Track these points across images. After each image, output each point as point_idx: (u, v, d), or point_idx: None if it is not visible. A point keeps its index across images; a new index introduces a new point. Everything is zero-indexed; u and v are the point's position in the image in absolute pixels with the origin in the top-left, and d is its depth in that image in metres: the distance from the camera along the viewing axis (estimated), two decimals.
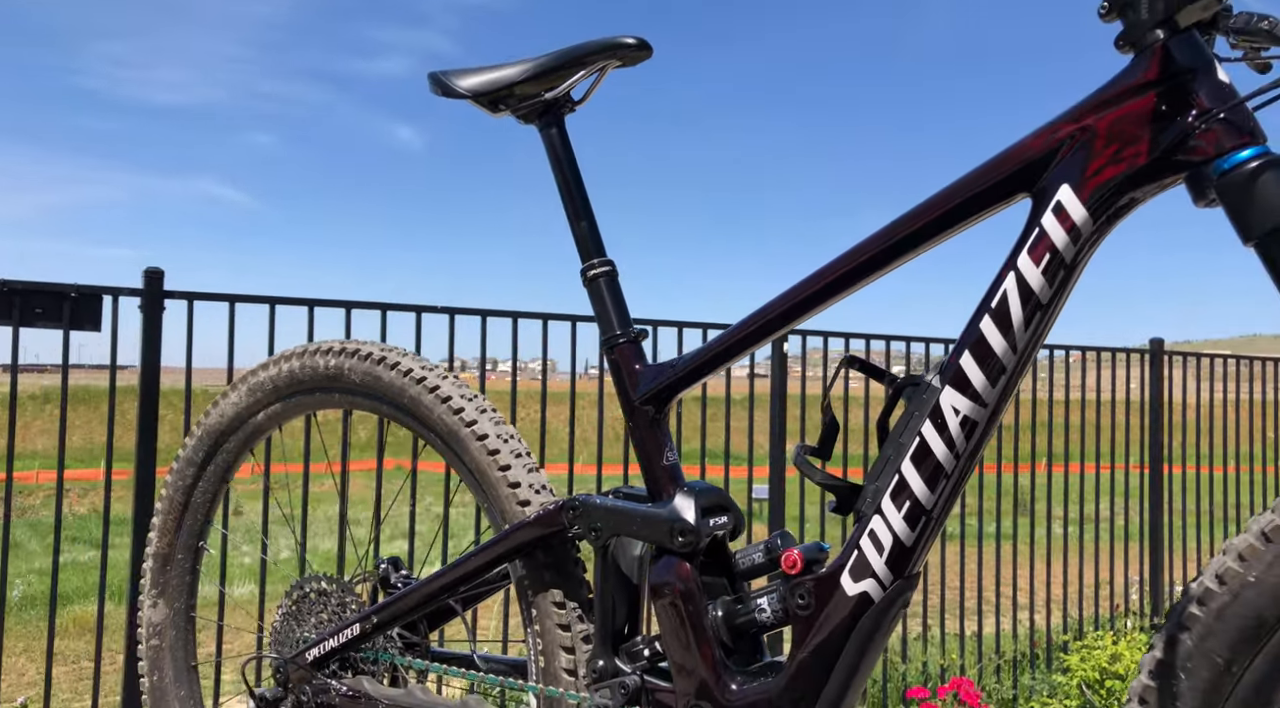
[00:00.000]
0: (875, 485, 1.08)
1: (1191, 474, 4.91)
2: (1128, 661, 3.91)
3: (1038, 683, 4.31)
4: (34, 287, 2.98)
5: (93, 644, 2.79)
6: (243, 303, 3.15)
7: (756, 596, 1.19)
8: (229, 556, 2.23)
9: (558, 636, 1.30)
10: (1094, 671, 3.90)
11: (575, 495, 1.28)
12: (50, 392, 12.22)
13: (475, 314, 3.32)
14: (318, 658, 1.45)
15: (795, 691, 1.12)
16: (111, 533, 2.99)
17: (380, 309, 3.21)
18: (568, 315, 3.37)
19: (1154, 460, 4.78)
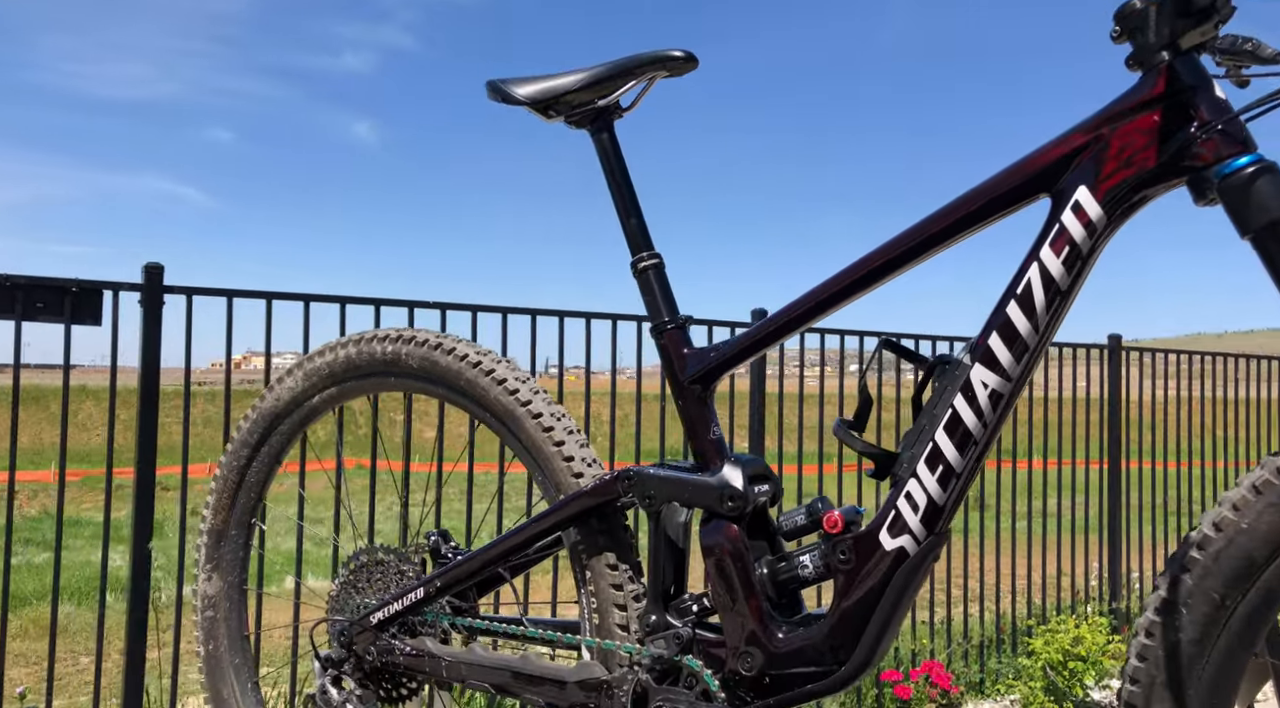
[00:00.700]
0: (911, 452, 1.23)
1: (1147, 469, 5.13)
2: (1089, 643, 4.10)
3: (1004, 666, 4.49)
4: (36, 281, 3.04)
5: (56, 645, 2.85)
6: (240, 298, 3.24)
7: (798, 554, 1.32)
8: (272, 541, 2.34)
9: (611, 594, 1.43)
10: (1057, 653, 4.08)
11: (629, 467, 1.41)
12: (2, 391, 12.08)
13: (495, 312, 3.41)
14: (382, 621, 1.57)
15: (838, 636, 1.26)
16: (66, 535, 3.05)
17: (374, 305, 3.32)
18: (608, 314, 3.55)
19: (1113, 455, 4.99)
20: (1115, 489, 4.98)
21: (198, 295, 3.16)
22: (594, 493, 1.43)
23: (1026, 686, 4.12)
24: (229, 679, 1.79)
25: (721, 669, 1.34)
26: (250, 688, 1.79)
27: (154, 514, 3.07)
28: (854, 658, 1.25)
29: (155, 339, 3.12)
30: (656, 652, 1.36)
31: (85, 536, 9.93)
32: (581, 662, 1.42)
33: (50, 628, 2.91)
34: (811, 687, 1.28)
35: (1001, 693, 4.34)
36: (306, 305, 3.25)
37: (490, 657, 1.48)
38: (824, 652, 1.27)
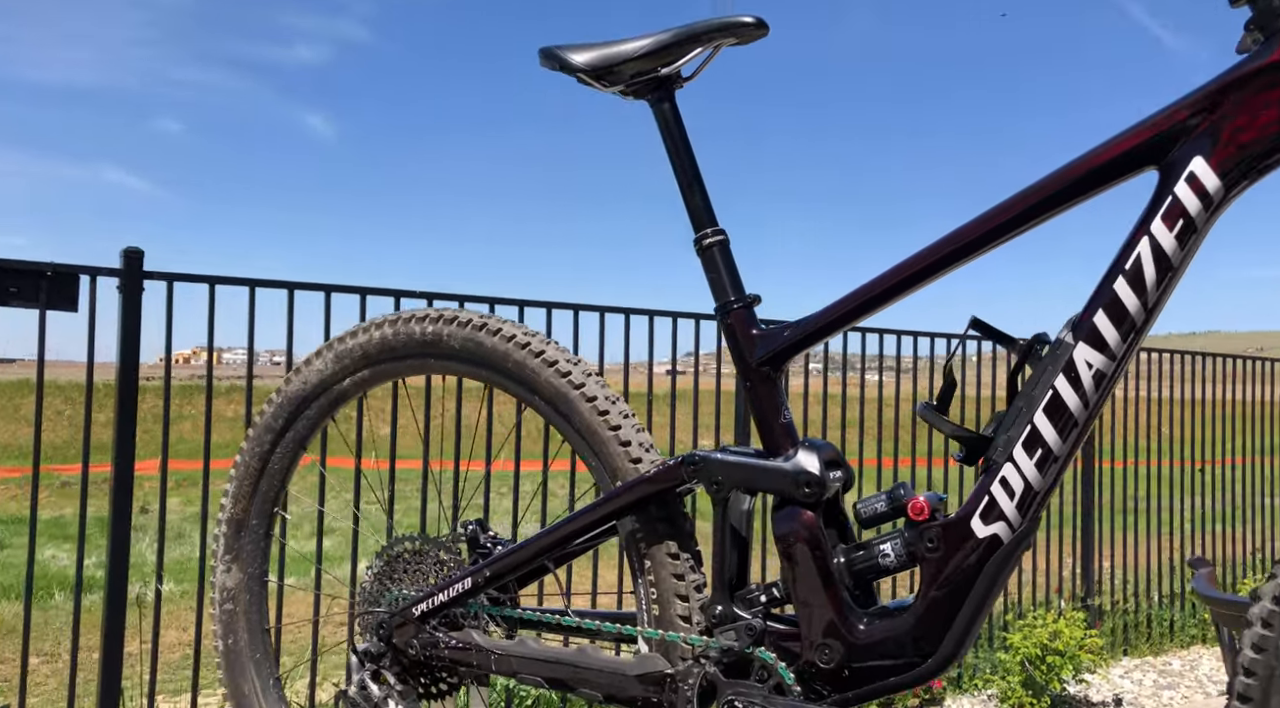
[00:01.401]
0: (1007, 436, 1.18)
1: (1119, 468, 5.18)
2: (1067, 637, 4.12)
3: (981, 661, 4.50)
4: (9, 265, 2.91)
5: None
6: (223, 285, 3.12)
7: (878, 542, 1.27)
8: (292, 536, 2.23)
9: (673, 584, 1.37)
10: (1035, 647, 4.10)
11: (693, 452, 1.35)
12: None
13: (511, 303, 3.33)
14: (425, 613, 1.49)
15: (925, 627, 1.21)
16: (12, 532, 2.94)
17: (360, 294, 3.22)
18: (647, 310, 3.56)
19: (1085, 454, 5.03)
20: (1088, 487, 5.02)
21: (178, 282, 3.05)
22: (656, 479, 1.37)
23: (1004, 680, 4.13)
24: (249, 675, 1.70)
25: (796, 662, 1.29)
26: (272, 684, 1.71)
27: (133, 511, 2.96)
28: (940, 650, 1.21)
29: (135, 327, 3.00)
30: (727, 644, 1.30)
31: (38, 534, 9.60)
32: (643, 654, 1.36)
33: (24, 629, 2.79)
34: (894, 680, 1.24)
35: (980, 688, 4.35)
36: (291, 294, 3.15)
37: (545, 650, 1.42)
38: (908, 644, 1.22)
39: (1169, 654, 5.04)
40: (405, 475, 3.18)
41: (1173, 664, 4.88)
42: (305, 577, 3.49)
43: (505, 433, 2.53)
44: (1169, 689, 4.49)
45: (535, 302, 3.37)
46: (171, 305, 3.06)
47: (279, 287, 3.17)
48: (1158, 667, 4.83)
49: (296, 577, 4.63)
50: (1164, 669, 4.79)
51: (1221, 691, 4.49)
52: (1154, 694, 4.42)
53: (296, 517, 4.25)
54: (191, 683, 2.96)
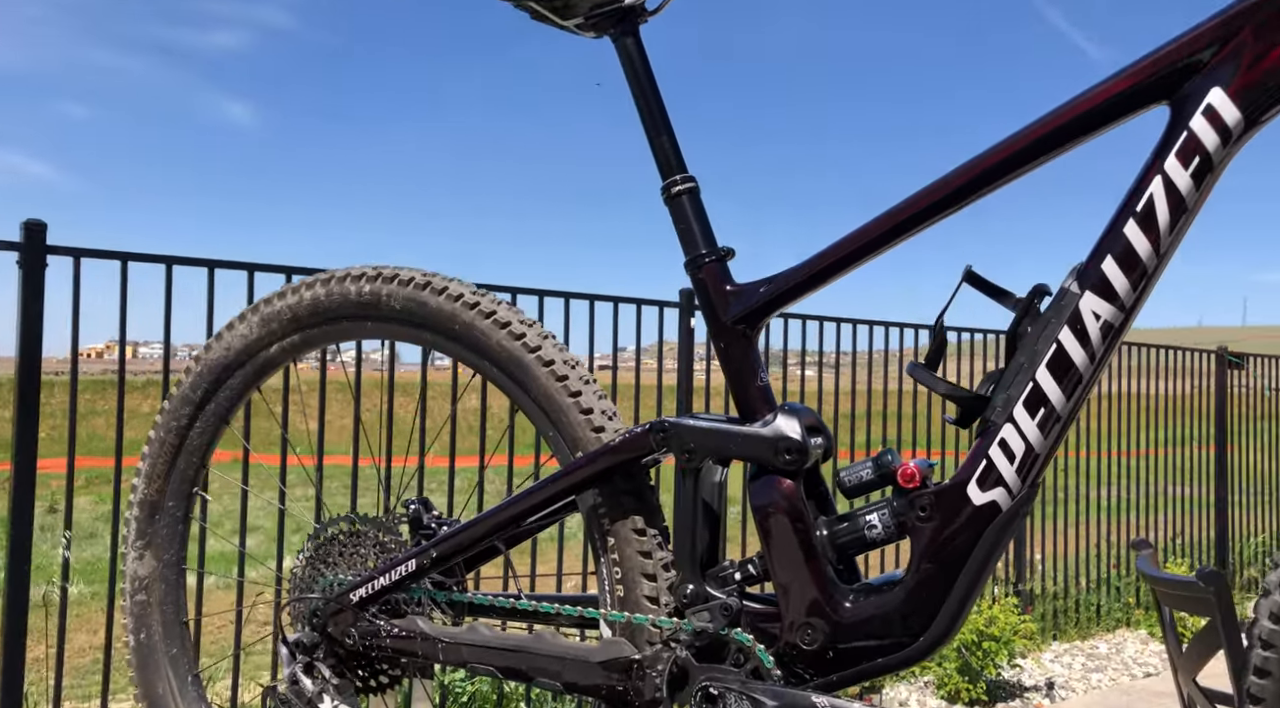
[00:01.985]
0: (1006, 394, 1.09)
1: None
2: (1002, 623, 4.12)
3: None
4: None
5: None
6: (137, 262, 2.90)
7: (864, 512, 1.18)
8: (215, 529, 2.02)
9: (639, 563, 1.26)
10: (971, 633, 4.09)
11: (662, 418, 1.24)
12: None
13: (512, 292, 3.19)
14: (364, 599, 1.35)
15: (916, 603, 1.12)
16: None
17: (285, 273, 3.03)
18: None
19: None
20: None
21: (87, 258, 2.82)
22: (621, 448, 1.25)
23: (941, 667, 4.11)
24: (164, 673, 1.54)
25: (775, 644, 1.18)
26: (190, 682, 1.55)
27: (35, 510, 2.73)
28: (933, 628, 1.12)
29: (37, 309, 2.76)
30: (699, 625, 1.19)
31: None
32: (606, 639, 1.25)
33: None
34: (882, 661, 1.14)
35: (917, 675, 4.33)
36: (211, 272, 2.94)
37: (498, 637, 1.29)
38: (897, 622, 1.13)
39: (1096, 639, 5.10)
40: (334, 472, 3.00)
41: (1100, 648, 4.93)
42: (230, 565, 3.25)
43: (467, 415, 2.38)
44: (1097, 673, 4.52)
45: (498, 287, 3.22)
46: (79, 285, 2.83)
47: (198, 265, 2.95)
48: (1085, 651, 4.87)
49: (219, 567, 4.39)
50: (1091, 653, 4.83)
51: (1147, 672, 4.54)
52: (1083, 678, 4.44)
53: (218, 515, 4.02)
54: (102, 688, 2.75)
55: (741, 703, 1.14)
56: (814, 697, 1.12)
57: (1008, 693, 4.15)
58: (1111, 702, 4.12)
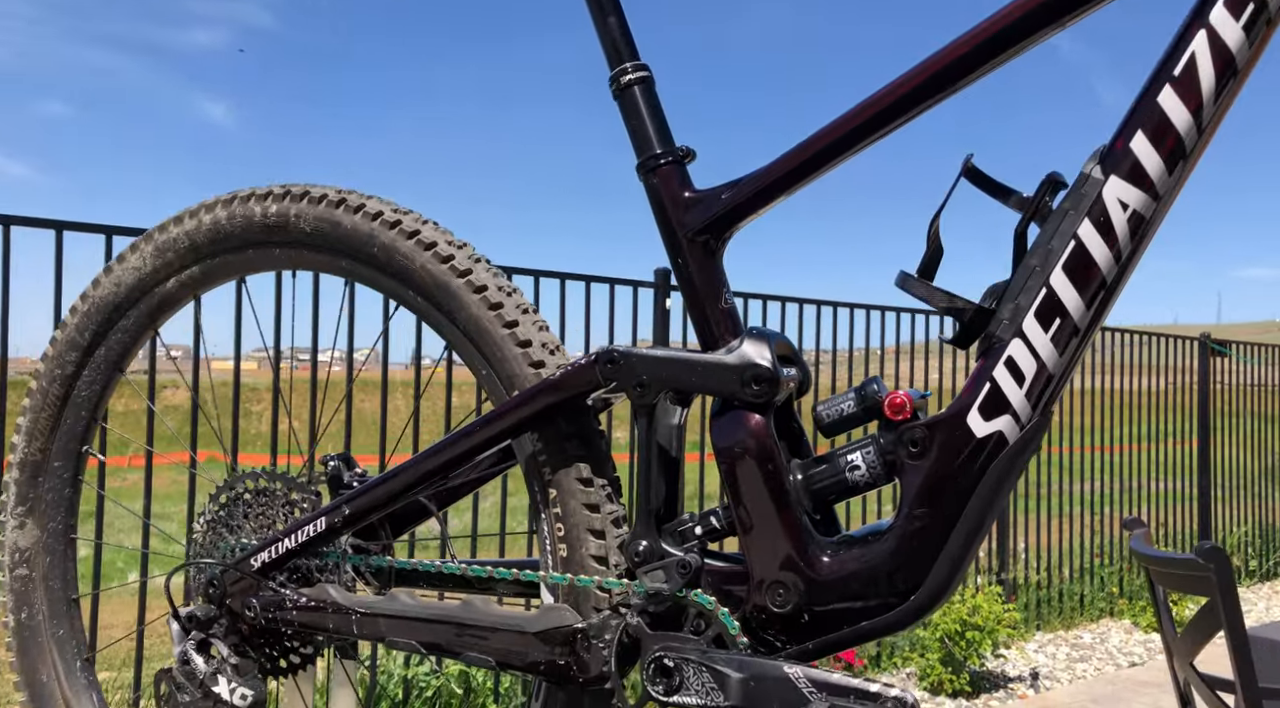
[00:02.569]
0: (1014, 304, 0.91)
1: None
2: (986, 612, 3.97)
3: (899, 639, 4.33)
4: None
5: None
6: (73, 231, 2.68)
7: (844, 452, 1.00)
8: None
9: (584, 517, 1.07)
10: (955, 623, 3.94)
11: (611, 346, 1.05)
12: None
13: None
14: (267, 564, 1.16)
15: (907, 555, 0.94)
16: None
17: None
18: None
19: None
20: None
21: (19, 227, 2.60)
22: (563, 384, 1.07)
23: (923, 658, 3.96)
24: (49, 657, 1.34)
25: (741, 607, 1.00)
26: (80, 668, 1.35)
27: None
28: (926, 586, 0.94)
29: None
30: (653, 587, 1.01)
31: None
32: (546, 606, 1.06)
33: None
34: (866, 625, 0.96)
35: (899, 666, 4.17)
36: None
37: (420, 606, 1.10)
38: (885, 578, 0.95)
39: (1080, 628, 4.96)
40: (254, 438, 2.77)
41: (1084, 638, 4.79)
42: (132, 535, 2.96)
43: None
44: (1082, 662, 4.38)
45: None
46: (8, 254, 2.60)
47: None
48: (1069, 641, 4.73)
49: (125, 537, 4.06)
50: (1075, 643, 4.70)
51: (1132, 662, 4.41)
52: (1068, 667, 4.30)
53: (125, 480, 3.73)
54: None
55: (701, 675, 0.96)
56: (786, 667, 0.94)
57: (992, 684, 4.00)
58: (1097, 692, 3.97)
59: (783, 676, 0.93)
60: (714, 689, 0.95)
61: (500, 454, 1.20)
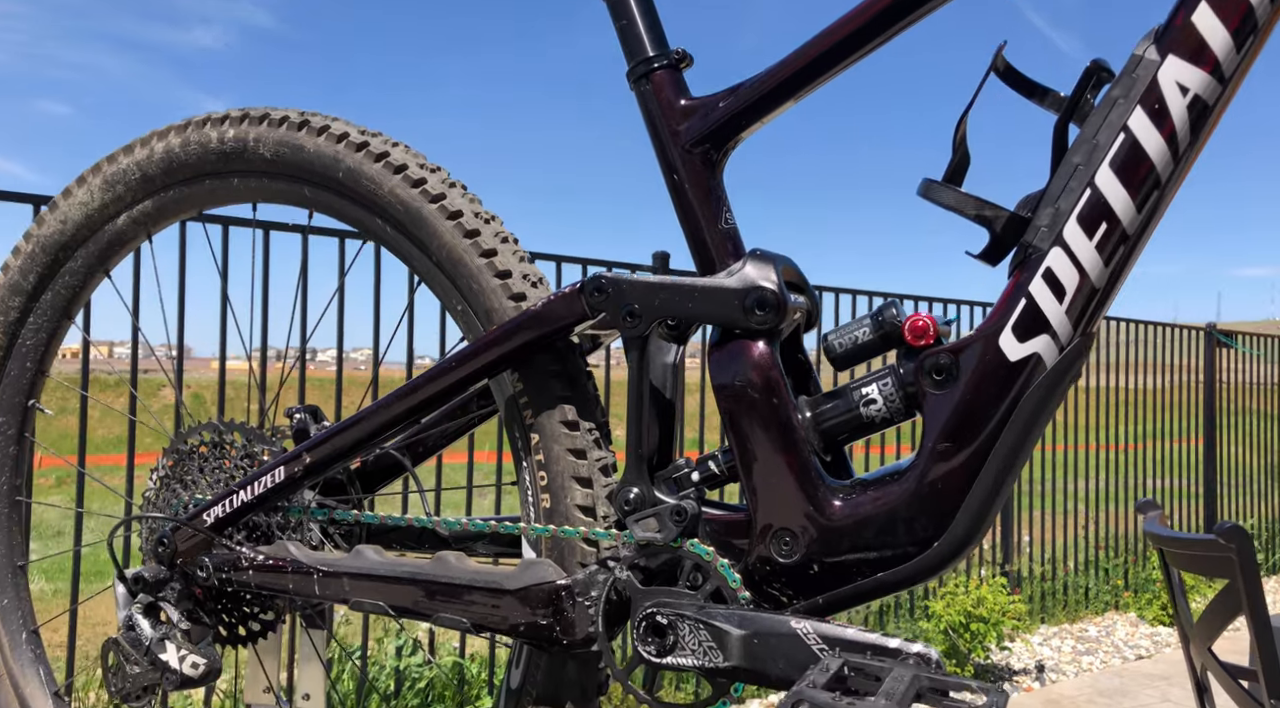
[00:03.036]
0: (1054, 208, 0.80)
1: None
2: (990, 603, 3.86)
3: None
4: None
5: None
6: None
7: (859, 385, 0.88)
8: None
9: (570, 464, 0.96)
10: (959, 614, 3.84)
11: (598, 273, 0.94)
12: None
13: None
14: (221, 519, 1.05)
15: (929, 496, 0.82)
16: None
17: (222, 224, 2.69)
18: None
19: None
20: None
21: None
22: (545, 315, 0.95)
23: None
24: None
25: (743, 559, 0.89)
26: (26, 639, 1.23)
27: None
28: (952, 530, 0.82)
29: None
30: (645, 536, 0.89)
31: None
32: (526, 561, 0.94)
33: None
34: (884, 575, 0.85)
35: None
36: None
37: (388, 563, 0.98)
38: (903, 524, 0.83)
39: (1085, 621, 4.85)
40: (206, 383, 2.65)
41: (1089, 631, 4.67)
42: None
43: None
44: (1088, 655, 4.26)
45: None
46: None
47: None
48: (1074, 634, 4.62)
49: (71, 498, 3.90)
50: (1081, 636, 4.58)
51: (1139, 654, 4.29)
52: (1074, 660, 4.18)
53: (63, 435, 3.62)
54: None
55: (698, 633, 0.85)
56: (793, 622, 0.82)
57: (996, 677, 3.88)
58: (1104, 685, 3.85)
59: (790, 631, 0.82)
60: (712, 649, 0.84)
61: (478, 401, 1.09)
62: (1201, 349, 5.82)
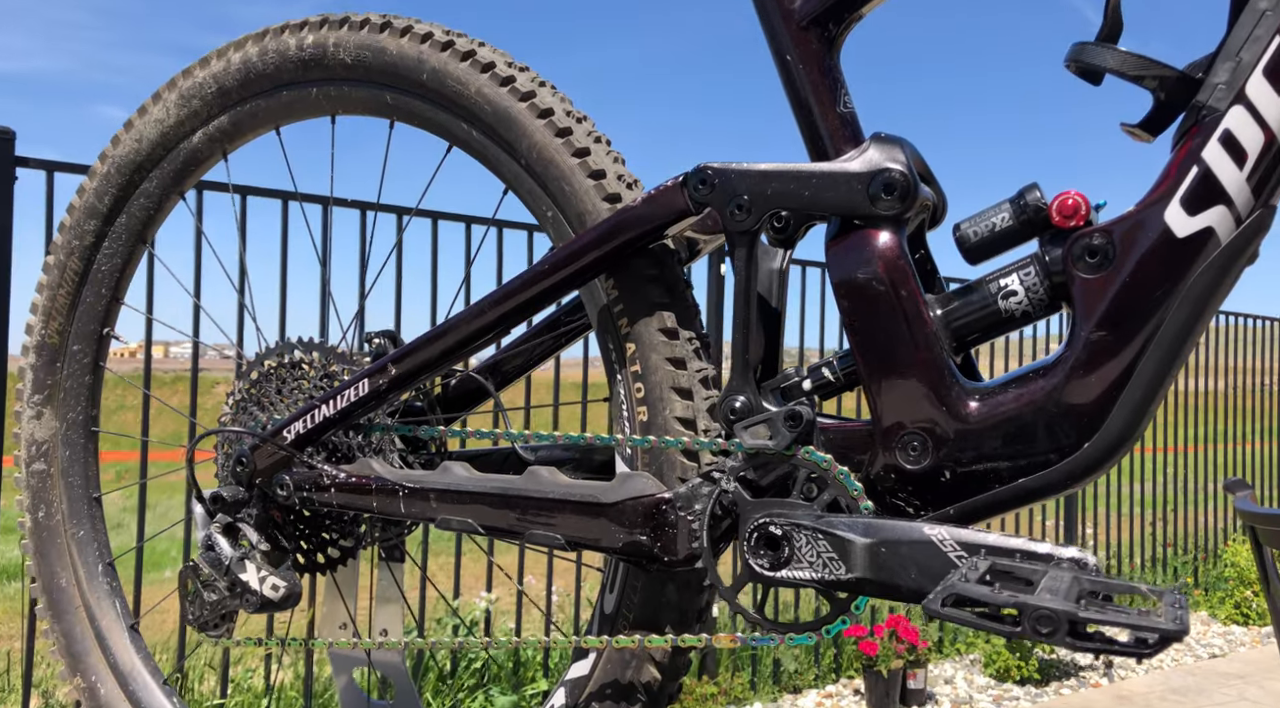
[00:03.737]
0: (1234, 62, 0.71)
1: None
2: None
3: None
4: None
5: None
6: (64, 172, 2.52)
7: (996, 277, 0.80)
8: None
9: (668, 374, 0.88)
10: None
11: (702, 164, 0.86)
12: None
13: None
14: (302, 435, 0.98)
15: (1082, 389, 0.74)
16: None
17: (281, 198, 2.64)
18: None
19: None
20: None
21: (62, 173, 2.46)
22: (644, 214, 0.88)
23: (988, 643, 3.70)
24: (69, 560, 1.18)
25: (865, 469, 0.81)
26: (101, 572, 1.19)
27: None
28: (1107, 427, 0.73)
29: (4, 221, 2.41)
30: (756, 443, 0.81)
31: None
32: (623, 475, 0.87)
33: None
34: (1026, 482, 0.76)
35: (961, 652, 3.92)
36: (200, 193, 2.56)
37: (477, 479, 0.91)
38: (1051, 422, 0.75)
39: None
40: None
41: None
42: None
43: None
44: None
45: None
46: (52, 204, 2.45)
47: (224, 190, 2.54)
48: None
49: None
50: None
51: (1212, 653, 4.11)
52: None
53: None
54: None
55: (816, 544, 0.77)
56: (926, 528, 0.74)
57: (1062, 672, 3.73)
58: (1176, 683, 3.69)
59: (924, 538, 0.73)
60: (833, 560, 0.76)
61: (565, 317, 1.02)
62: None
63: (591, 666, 0.92)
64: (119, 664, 1.12)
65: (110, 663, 1.12)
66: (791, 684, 3.43)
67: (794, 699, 3.35)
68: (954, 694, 3.47)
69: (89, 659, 1.13)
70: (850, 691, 3.46)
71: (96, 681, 1.12)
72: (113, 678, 1.12)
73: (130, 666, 1.12)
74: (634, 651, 0.89)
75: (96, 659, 1.13)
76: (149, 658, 1.14)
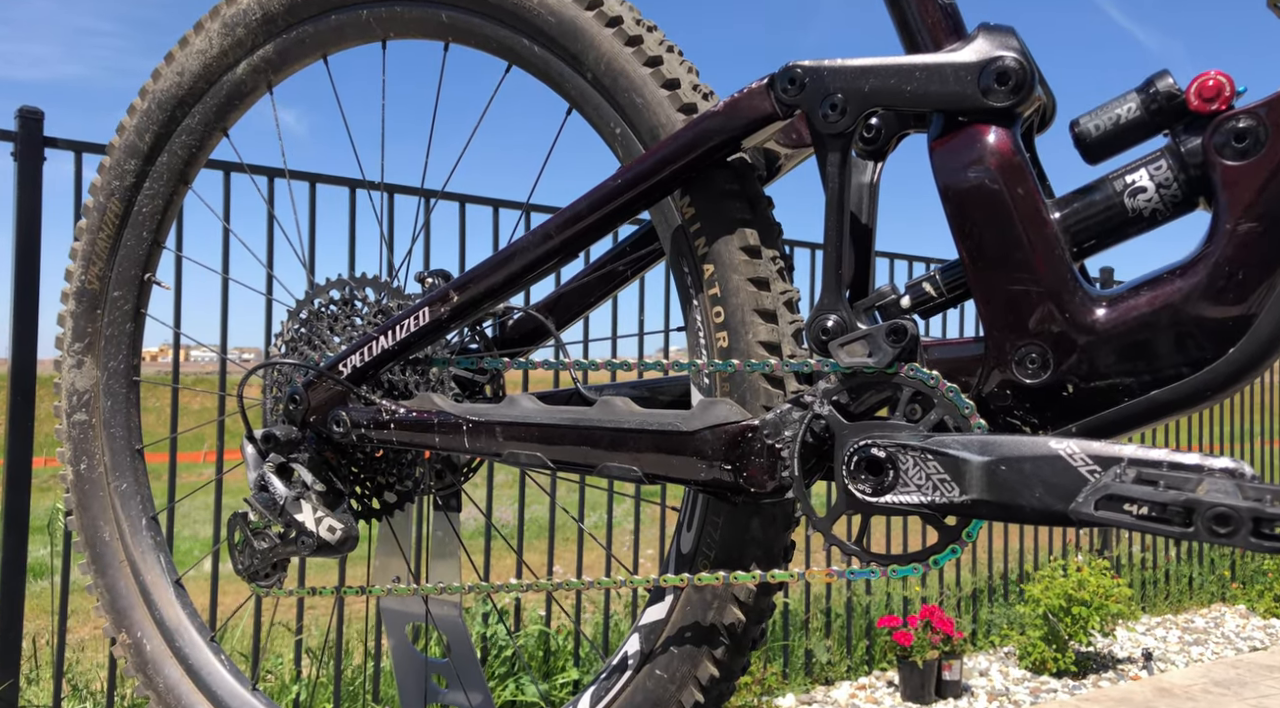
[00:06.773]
0: None
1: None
2: (1094, 585, 3.61)
3: (996, 617, 3.98)
4: None
5: None
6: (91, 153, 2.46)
7: (1121, 173, 0.72)
8: None
9: (751, 296, 0.81)
10: (1059, 598, 3.59)
11: (791, 63, 0.79)
12: None
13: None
14: (359, 368, 0.91)
15: (1226, 288, 0.66)
16: None
17: (310, 181, 2.60)
18: None
19: None
20: None
21: (90, 154, 2.40)
22: (724, 123, 0.80)
23: (1024, 635, 3.60)
24: (111, 514, 1.11)
25: (975, 388, 0.73)
26: (146, 526, 1.12)
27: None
28: (1255, 330, 0.65)
29: (34, 203, 2.35)
30: (854, 361, 0.74)
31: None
32: (704, 401, 0.79)
33: None
34: (1160, 394, 0.68)
35: (996, 645, 3.82)
36: (227, 176, 2.50)
37: (544, 410, 0.84)
38: (1188, 327, 0.67)
39: (1190, 612, 4.55)
40: None
41: (1196, 622, 4.37)
42: None
43: None
44: (1197, 646, 3.97)
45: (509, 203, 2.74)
46: (80, 184, 2.40)
47: (261, 173, 2.47)
48: (1180, 624, 4.32)
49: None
50: (1187, 627, 4.28)
51: (1253, 646, 3.99)
52: (1182, 651, 3.90)
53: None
54: None
55: (925, 466, 0.69)
56: (1053, 442, 0.66)
57: (1100, 664, 3.63)
58: (1219, 675, 3.57)
59: (1051, 453, 0.65)
60: (944, 482, 0.68)
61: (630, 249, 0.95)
62: None
63: (669, 609, 0.84)
64: (165, 620, 1.05)
65: (155, 619, 1.06)
66: (824, 676, 3.34)
67: (826, 691, 3.26)
68: (989, 687, 3.37)
69: (134, 615, 1.06)
70: (884, 683, 3.37)
71: (142, 636, 1.05)
72: (158, 634, 1.05)
73: (177, 621, 1.05)
74: (716, 590, 0.82)
75: (142, 615, 1.06)
76: (195, 614, 1.07)
